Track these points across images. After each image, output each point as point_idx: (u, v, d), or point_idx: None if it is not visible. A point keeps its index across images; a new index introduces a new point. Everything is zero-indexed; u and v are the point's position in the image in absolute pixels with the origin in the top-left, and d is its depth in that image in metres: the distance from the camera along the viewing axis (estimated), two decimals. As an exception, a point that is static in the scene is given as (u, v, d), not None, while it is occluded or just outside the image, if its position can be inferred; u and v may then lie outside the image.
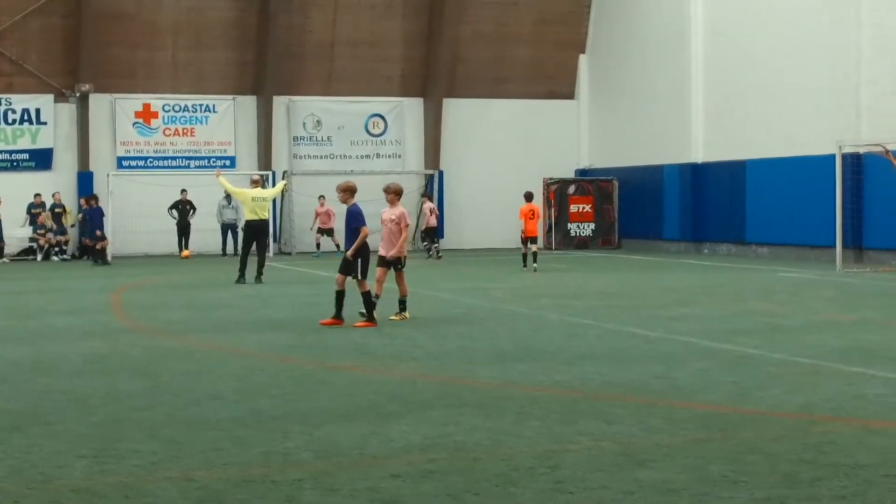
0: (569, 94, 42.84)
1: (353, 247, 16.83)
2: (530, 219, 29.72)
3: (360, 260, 16.90)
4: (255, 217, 25.55)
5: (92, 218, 34.63)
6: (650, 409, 10.01)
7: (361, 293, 16.83)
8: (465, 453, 8.28)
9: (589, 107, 42.52)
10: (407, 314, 17.57)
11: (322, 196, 37.87)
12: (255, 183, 26.83)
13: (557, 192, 40.85)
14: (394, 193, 18.34)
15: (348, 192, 17.51)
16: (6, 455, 8.28)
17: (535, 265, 28.92)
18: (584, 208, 40.86)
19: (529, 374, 12.08)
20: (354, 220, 17.14)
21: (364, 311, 16.78)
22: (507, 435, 8.91)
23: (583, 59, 42.62)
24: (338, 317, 16.66)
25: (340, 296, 16.72)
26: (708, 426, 9.28)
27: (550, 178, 41.04)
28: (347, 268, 16.87)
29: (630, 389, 11.06)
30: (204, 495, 7.17)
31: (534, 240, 29.76)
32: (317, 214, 37.99)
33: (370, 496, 7.12)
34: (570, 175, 42.21)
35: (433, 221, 36.58)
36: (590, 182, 41.45)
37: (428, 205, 37.10)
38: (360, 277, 16.83)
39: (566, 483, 7.40)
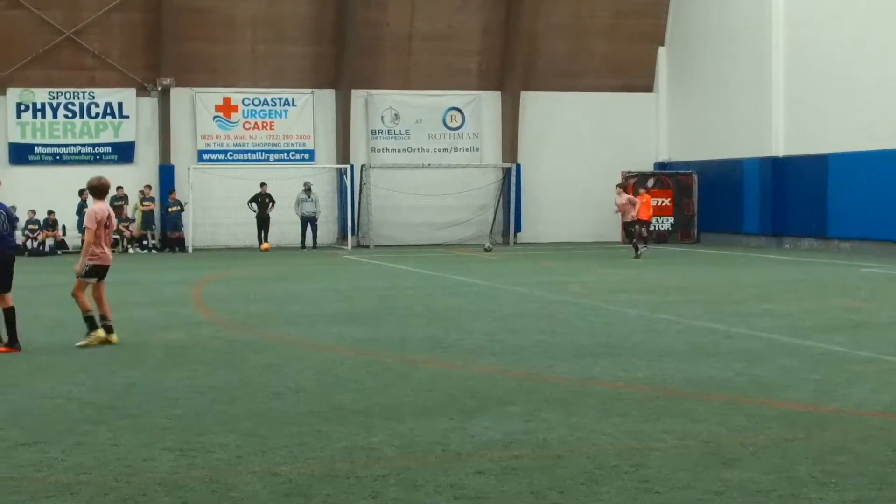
0: (647, 86, 42.54)
1: None
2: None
3: None
4: None
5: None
6: (733, 407, 9.90)
7: (2, 309, 13.75)
8: (547, 450, 8.24)
9: (668, 100, 42.18)
10: (98, 333, 14.14)
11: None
12: None
13: (636, 186, 40.57)
14: (87, 189, 14.98)
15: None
16: (93, 448, 8.37)
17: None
18: (662, 202, 40.55)
19: (609, 370, 12.00)
20: None
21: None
22: (590, 432, 8.85)
23: (661, 51, 42.28)
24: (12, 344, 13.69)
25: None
26: (793, 425, 9.15)
27: (629, 172, 40.80)
28: None
29: (712, 386, 10.94)
30: (289, 489, 7.20)
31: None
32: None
33: (454, 493, 7.10)
34: (649, 168, 41.92)
35: (634, 212, 32.75)
36: (669, 175, 41.16)
37: (624, 196, 33.09)
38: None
39: (652, 482, 7.33)
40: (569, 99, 41.72)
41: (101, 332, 14.09)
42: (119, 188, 37.57)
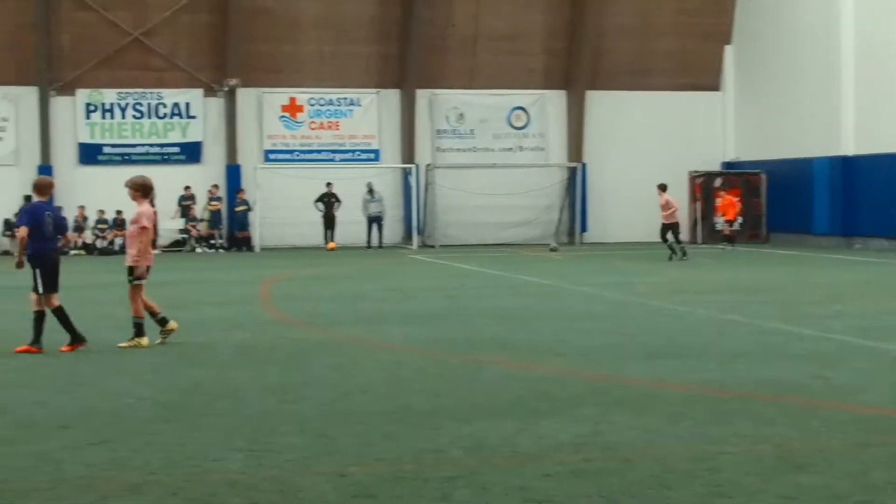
0: (714, 85, 42.15)
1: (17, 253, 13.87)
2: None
3: (37, 270, 13.64)
4: None
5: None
6: (806, 411, 9.73)
7: (51, 310, 13.68)
8: (617, 453, 8.14)
9: (735, 98, 41.79)
10: (143, 340, 13.96)
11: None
12: None
13: (703, 186, 40.29)
14: (131, 188, 14.74)
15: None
16: (162, 447, 8.39)
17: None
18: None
19: (679, 371, 11.85)
20: (19, 219, 13.96)
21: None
22: (660, 435, 8.73)
23: (728, 49, 41.89)
24: (35, 343, 13.47)
25: (39, 317, 13.57)
26: (868, 429, 8.97)
27: (696, 172, 40.47)
28: (35, 283, 13.71)
29: (784, 389, 10.76)
30: (357, 491, 7.16)
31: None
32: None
33: (523, 495, 7.02)
34: (716, 168, 41.57)
35: (671, 216, 31.05)
36: (737, 175, 40.76)
37: (663, 198, 31.21)
38: (40, 292, 13.60)
39: (724, 487, 7.21)
40: (634, 98, 41.46)
41: (144, 341, 13.94)
42: (187, 188, 37.94)
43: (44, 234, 13.67)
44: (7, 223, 36.98)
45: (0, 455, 8.15)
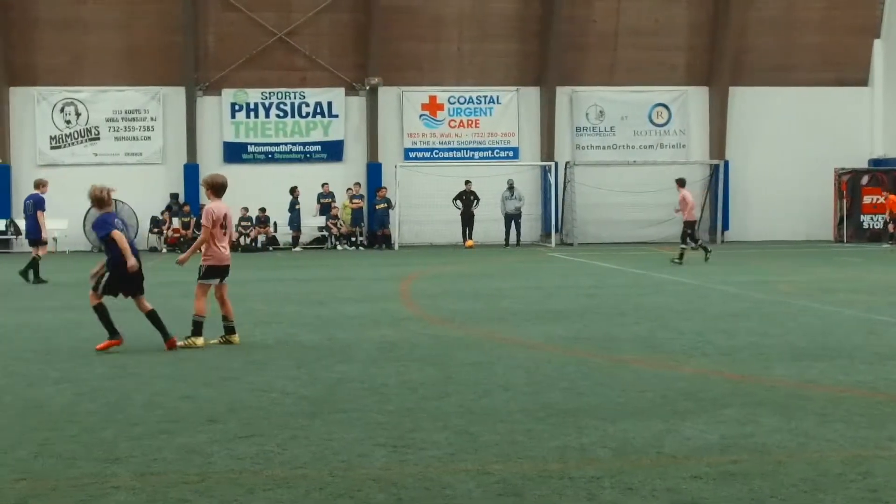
0: (861, 80, 41.19)
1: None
2: None
3: (108, 273, 13.50)
4: None
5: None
6: (964, 415, 9.41)
7: (145, 314, 13.67)
8: (767, 456, 7.95)
9: (884, 94, 40.75)
10: (198, 340, 13.77)
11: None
12: None
13: (850, 183, 39.36)
14: (203, 187, 14.72)
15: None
16: (308, 441, 8.46)
17: None
18: (877, 199, 39.20)
19: (828, 372, 11.57)
20: (100, 228, 13.69)
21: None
22: (811, 437, 8.51)
23: (877, 43, 40.90)
24: (113, 336, 13.45)
25: (100, 312, 13.48)
26: None
27: (842, 169, 39.57)
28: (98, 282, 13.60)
29: (940, 393, 10.43)
30: (502, 489, 7.12)
31: None
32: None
33: (671, 497, 6.91)
34: (863, 165, 40.58)
35: (688, 213, 29.28)
36: (885, 172, 39.73)
37: (680, 194, 29.37)
38: (97, 291, 13.50)
39: (881, 492, 6.99)
40: (779, 94, 40.76)
41: (199, 341, 13.75)
42: (324, 185, 38.41)
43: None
44: (154, 220, 37.89)
45: (151, 448, 8.31)
